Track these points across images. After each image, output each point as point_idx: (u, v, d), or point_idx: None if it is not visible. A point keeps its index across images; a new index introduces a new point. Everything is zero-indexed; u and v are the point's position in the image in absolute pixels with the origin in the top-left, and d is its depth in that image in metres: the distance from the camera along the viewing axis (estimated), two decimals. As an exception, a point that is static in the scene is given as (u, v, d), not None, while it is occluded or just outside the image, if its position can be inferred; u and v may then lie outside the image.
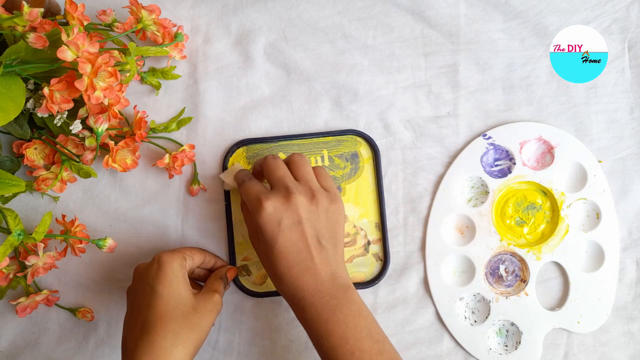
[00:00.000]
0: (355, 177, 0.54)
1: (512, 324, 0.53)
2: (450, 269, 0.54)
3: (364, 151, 0.54)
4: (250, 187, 0.46)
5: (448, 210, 0.54)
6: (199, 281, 0.52)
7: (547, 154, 0.54)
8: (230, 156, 0.54)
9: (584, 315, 0.52)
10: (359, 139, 0.54)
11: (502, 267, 0.54)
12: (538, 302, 0.53)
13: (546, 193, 0.54)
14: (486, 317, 0.53)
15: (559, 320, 0.52)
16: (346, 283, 0.44)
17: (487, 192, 0.54)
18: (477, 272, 0.53)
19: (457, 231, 0.54)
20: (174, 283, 0.45)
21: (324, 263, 0.44)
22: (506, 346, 0.53)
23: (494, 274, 0.54)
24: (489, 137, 0.54)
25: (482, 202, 0.54)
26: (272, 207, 0.43)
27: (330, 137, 0.54)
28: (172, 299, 0.44)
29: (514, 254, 0.54)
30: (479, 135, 0.54)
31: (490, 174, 0.54)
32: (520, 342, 0.52)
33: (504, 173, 0.54)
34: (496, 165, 0.54)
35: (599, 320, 0.52)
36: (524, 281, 0.53)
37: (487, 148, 0.54)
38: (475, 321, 0.53)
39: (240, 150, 0.54)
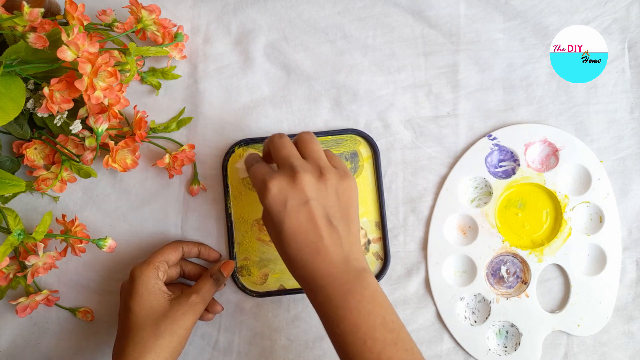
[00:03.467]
0: (355, 176, 0.54)
1: (512, 325, 0.53)
2: (452, 269, 0.54)
3: (364, 150, 0.54)
4: (256, 169, 0.44)
5: (451, 210, 0.54)
6: (194, 279, 0.52)
7: (552, 156, 0.54)
8: (230, 156, 0.54)
9: (584, 318, 0.52)
10: (358, 138, 0.54)
11: (503, 268, 0.54)
12: (538, 304, 0.53)
13: (550, 195, 0.54)
14: (486, 318, 0.53)
15: (559, 323, 0.52)
16: (361, 266, 0.41)
17: (490, 193, 0.54)
18: (478, 272, 0.53)
19: (460, 231, 0.54)
20: (144, 295, 0.46)
21: (335, 245, 0.41)
22: (505, 347, 0.53)
23: (495, 274, 0.54)
24: (494, 138, 0.53)
25: (486, 203, 0.54)
26: (276, 188, 0.41)
27: (329, 137, 0.54)
28: (142, 311, 0.45)
29: (515, 255, 0.54)
30: (484, 136, 0.53)
31: (494, 174, 0.54)
32: (519, 344, 0.52)
33: (508, 174, 0.54)
34: (500, 166, 0.54)
35: (599, 324, 0.52)
36: (525, 283, 0.53)
37: (492, 149, 0.54)
38: (475, 321, 0.53)
39: (240, 150, 0.54)
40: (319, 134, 0.54)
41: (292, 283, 0.54)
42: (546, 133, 0.53)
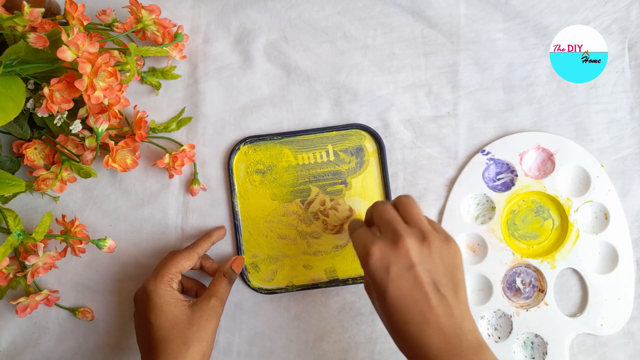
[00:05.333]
0: (361, 171, 0.54)
1: (537, 336, 0.53)
2: (468, 289, 0.53)
3: (369, 145, 0.54)
4: (359, 234, 0.43)
5: (457, 230, 0.53)
6: (209, 271, 0.52)
7: (548, 162, 0.54)
8: (235, 154, 0.54)
9: (605, 317, 0.52)
10: (363, 133, 0.54)
11: (518, 280, 0.53)
12: (559, 311, 0.53)
13: (552, 200, 0.53)
14: (510, 332, 0.53)
15: (582, 326, 0.52)
16: (477, 340, 0.38)
17: (493, 208, 0.54)
18: (494, 288, 0.53)
19: (469, 250, 0.54)
20: (164, 308, 0.45)
21: (447, 315, 0.38)
22: (533, 358, 0.52)
23: (511, 287, 0.54)
24: (488, 153, 0.53)
25: (490, 218, 0.54)
26: (379, 253, 0.39)
27: (334, 132, 0.54)
28: (165, 323, 0.45)
29: (528, 265, 0.53)
30: (478, 152, 0.53)
31: (494, 188, 0.54)
32: (546, 353, 0.52)
33: (508, 186, 0.54)
34: (499, 179, 0.54)
35: (622, 320, 0.52)
36: (542, 291, 0.53)
37: (487, 163, 0.54)
38: (500, 337, 0.53)
39: (245, 148, 0.54)
40: (323, 129, 0.54)
41: (301, 280, 0.54)
42: (539, 139, 0.53)
